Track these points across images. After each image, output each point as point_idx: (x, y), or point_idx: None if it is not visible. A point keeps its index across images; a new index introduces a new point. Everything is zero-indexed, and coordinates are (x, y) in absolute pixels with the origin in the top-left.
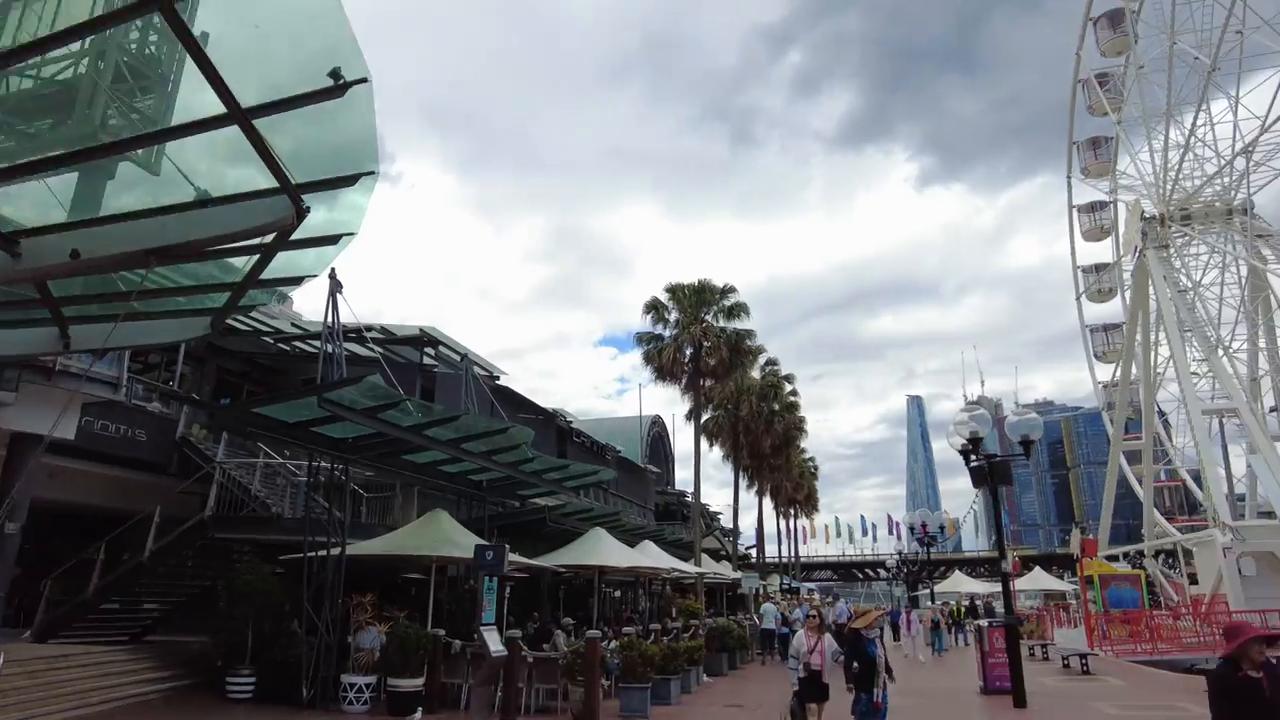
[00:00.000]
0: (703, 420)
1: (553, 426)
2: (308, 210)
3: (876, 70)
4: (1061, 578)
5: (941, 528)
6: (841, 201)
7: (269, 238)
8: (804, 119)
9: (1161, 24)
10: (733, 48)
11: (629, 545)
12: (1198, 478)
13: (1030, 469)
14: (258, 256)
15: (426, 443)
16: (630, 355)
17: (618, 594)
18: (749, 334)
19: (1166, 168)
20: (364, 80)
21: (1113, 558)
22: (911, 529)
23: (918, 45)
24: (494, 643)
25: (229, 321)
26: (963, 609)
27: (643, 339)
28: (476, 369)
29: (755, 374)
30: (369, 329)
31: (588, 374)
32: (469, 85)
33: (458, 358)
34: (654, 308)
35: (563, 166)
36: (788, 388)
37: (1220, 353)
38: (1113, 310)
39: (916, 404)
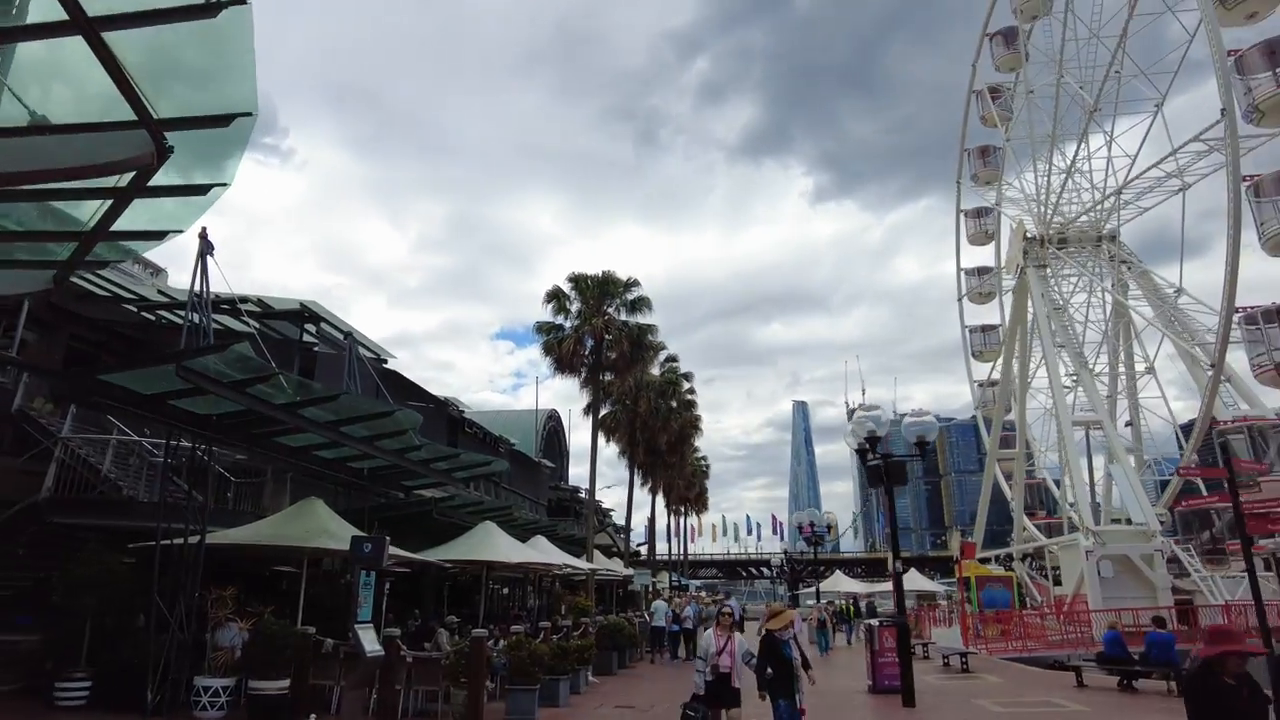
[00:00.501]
0: (601, 415)
1: (444, 416)
2: (170, 150)
3: (780, 85)
4: (932, 579)
5: (829, 527)
6: (741, 211)
7: (124, 180)
8: (709, 127)
9: (1051, 53)
10: (643, 49)
11: (520, 541)
12: (1057, 482)
13: (906, 474)
14: (110, 202)
15: (302, 423)
16: (528, 350)
17: (506, 591)
18: (651, 329)
19: (1049, 191)
20: (242, 1)
21: (985, 560)
22: (799, 528)
23: (820, 65)
24: (369, 642)
25: (85, 284)
26: (851, 608)
27: (543, 328)
28: (362, 350)
29: (655, 370)
30: (243, 300)
31: (484, 367)
32: (371, 63)
33: (341, 336)
34: (555, 297)
35: (467, 154)
36: (686, 385)
37: (1088, 369)
38: (991, 311)
39: (802, 409)
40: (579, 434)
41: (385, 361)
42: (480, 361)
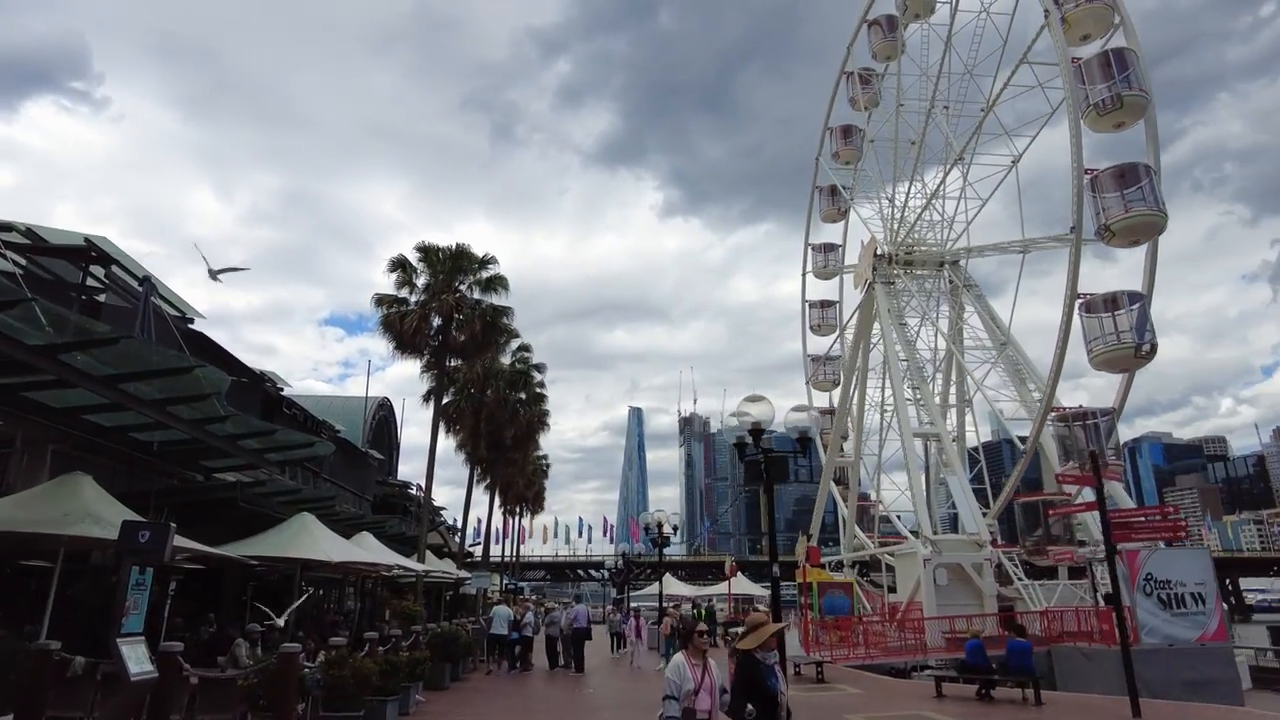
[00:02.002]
0: (444, 402)
1: (259, 392)
2: None
3: (639, 98)
4: (755, 582)
5: (675, 528)
6: (594, 216)
7: None
8: (566, 129)
9: (924, 68)
10: (504, 42)
11: (342, 536)
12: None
13: (728, 483)
14: None
15: (68, 375)
16: (360, 339)
17: (321, 593)
18: (506, 311)
19: (905, 211)
20: None
21: (818, 566)
22: (646, 529)
23: (679, 82)
24: (136, 660)
25: None
26: (703, 613)
27: (383, 301)
28: (164, 306)
29: (506, 360)
30: (7, 228)
31: (309, 354)
32: (210, 16)
33: (136, 284)
34: (400, 267)
35: (310, 127)
36: (537, 378)
37: (927, 384)
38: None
39: (637, 415)
40: (413, 430)
41: (191, 321)
42: (306, 347)
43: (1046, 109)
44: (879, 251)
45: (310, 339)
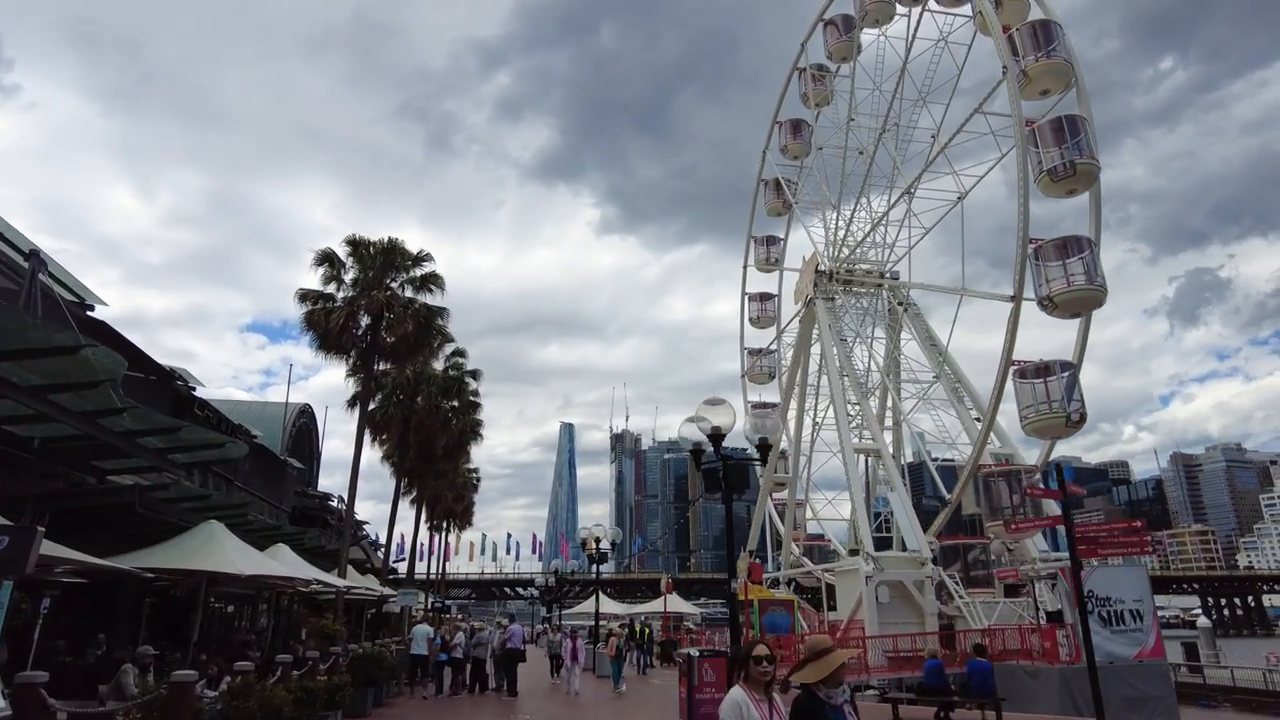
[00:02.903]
0: (370, 409)
1: (167, 390)
2: None
3: (578, 115)
4: (686, 599)
5: (614, 544)
6: (529, 230)
7: None
8: (504, 142)
9: (877, 84)
10: (444, 52)
11: (256, 547)
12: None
13: (658, 500)
14: None
15: None
16: (283, 346)
17: (231, 609)
18: (442, 312)
19: (848, 231)
20: None
21: (758, 583)
22: (583, 544)
23: (617, 101)
24: None
25: None
26: (645, 631)
27: (308, 297)
28: (57, 288)
29: (439, 365)
30: None
31: (230, 361)
32: (136, 8)
33: (21, 259)
34: (328, 260)
35: (238, 126)
36: (472, 385)
37: (868, 400)
38: (768, 334)
39: (568, 431)
40: (334, 442)
41: (91, 309)
42: (226, 354)
43: (997, 150)
44: (821, 267)
45: (231, 346)
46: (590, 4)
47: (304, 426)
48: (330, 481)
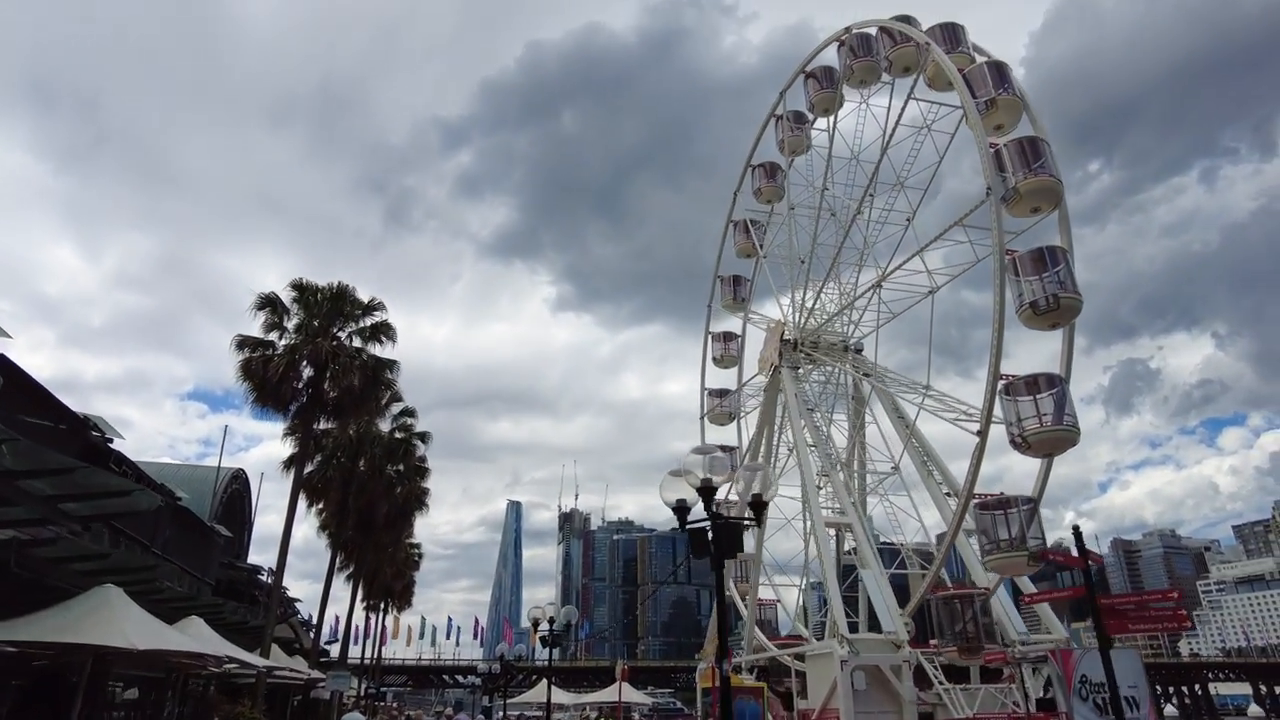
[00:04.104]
0: (308, 470)
1: (78, 439)
2: None
3: (537, 194)
4: (635, 689)
5: (569, 624)
6: (485, 305)
7: None
8: (464, 218)
9: (814, 177)
10: (407, 128)
11: (166, 621)
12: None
13: (606, 584)
14: None
15: None
16: (224, 415)
17: (134, 694)
18: (391, 365)
19: (815, 304)
20: None
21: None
22: (535, 624)
23: (577, 182)
24: None
25: None
26: None
27: (246, 343)
28: None
29: (385, 425)
30: None
31: (166, 429)
32: (93, 64)
33: None
34: (270, 305)
35: (194, 190)
36: (420, 448)
37: (837, 470)
38: (729, 433)
39: (516, 509)
40: (270, 517)
41: None
42: (163, 422)
43: (974, 254)
44: (786, 336)
45: (169, 414)
46: (553, 91)
47: (236, 493)
48: (263, 557)
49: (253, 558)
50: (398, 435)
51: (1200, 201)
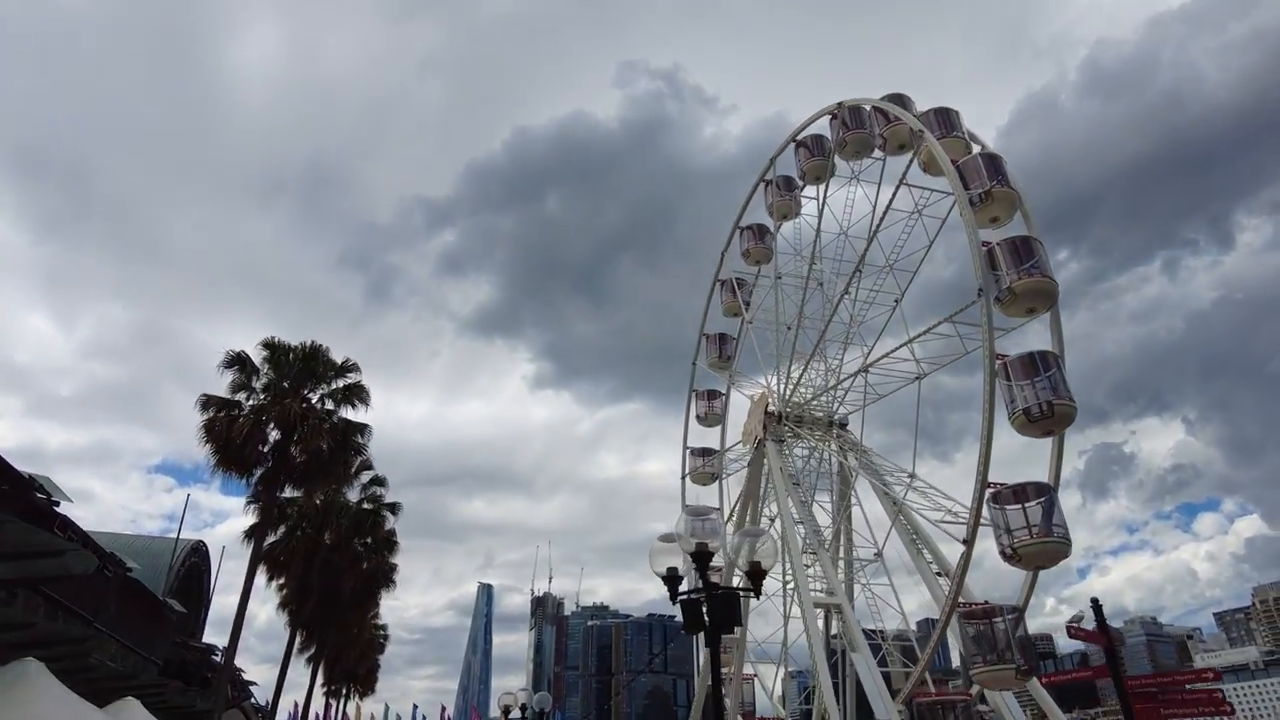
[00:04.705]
0: (270, 541)
1: (21, 500)
2: None
3: (519, 273)
4: None
5: (543, 713)
6: (463, 382)
7: None
8: (445, 295)
9: (801, 247)
10: (393, 207)
11: (95, 703)
12: None
13: (579, 672)
14: None
15: None
16: (191, 489)
17: None
18: (363, 429)
19: (802, 376)
20: None
21: None
22: (506, 711)
23: (559, 262)
24: None
25: None
26: None
27: (211, 403)
28: None
29: (353, 495)
30: None
31: (130, 503)
32: (84, 134)
33: None
34: (239, 363)
35: (174, 262)
36: (390, 521)
37: (826, 548)
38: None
39: (487, 592)
40: (231, 596)
41: None
42: (127, 495)
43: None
44: (770, 408)
45: (135, 487)
46: (538, 174)
47: (195, 567)
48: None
49: (210, 637)
50: (366, 506)
51: (1164, 290)
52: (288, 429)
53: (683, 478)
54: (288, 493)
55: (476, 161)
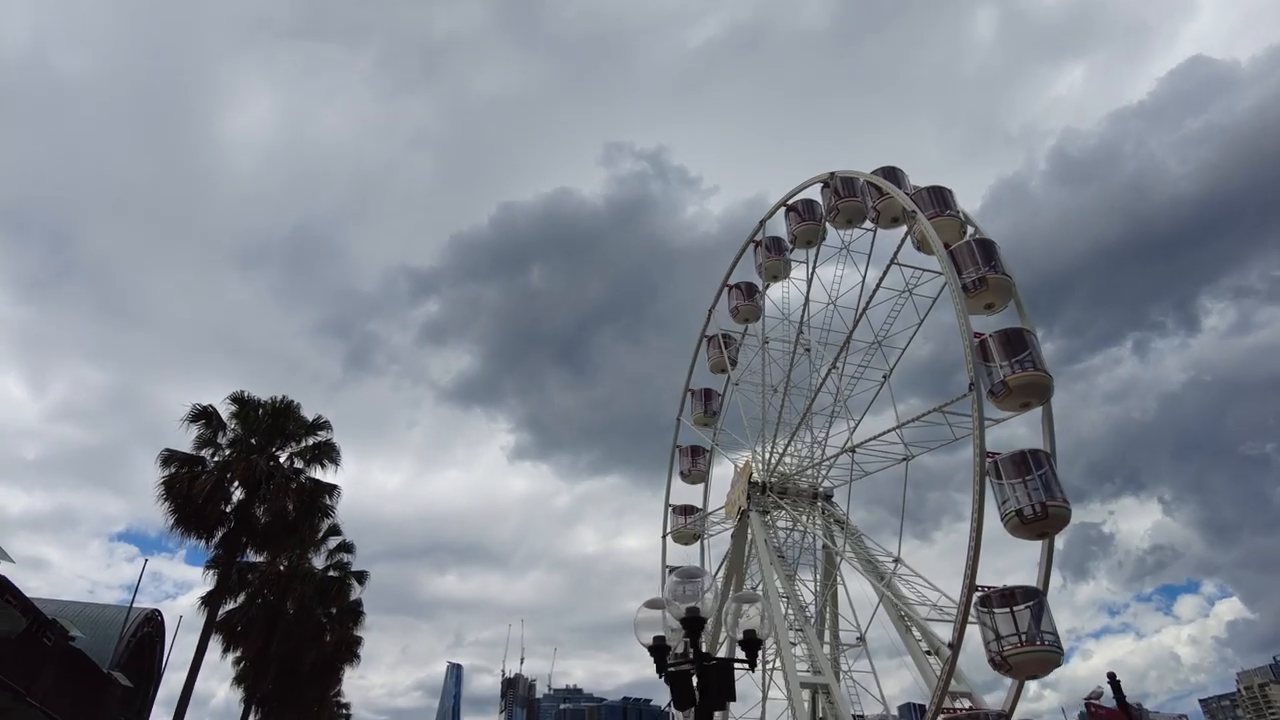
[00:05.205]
0: (228, 608)
1: None
2: None
3: (501, 343)
4: None
5: None
6: (441, 452)
7: None
8: (425, 364)
9: (789, 311)
10: (377, 276)
11: None
12: None
13: None
14: None
15: None
16: (154, 559)
17: None
18: (332, 490)
19: (788, 447)
20: None
21: None
22: None
23: (541, 333)
24: None
25: None
26: None
27: (173, 460)
28: None
29: (319, 561)
30: None
31: (88, 573)
32: (70, 199)
33: None
34: (205, 417)
35: (153, 326)
36: (357, 590)
37: (812, 625)
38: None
39: (456, 673)
40: (183, 671)
41: None
42: (86, 565)
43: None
44: (754, 478)
45: (95, 555)
46: (523, 247)
47: (148, 637)
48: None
49: (159, 716)
50: (332, 573)
51: (1136, 371)
52: (252, 487)
53: (664, 535)
54: (250, 557)
55: (462, 234)
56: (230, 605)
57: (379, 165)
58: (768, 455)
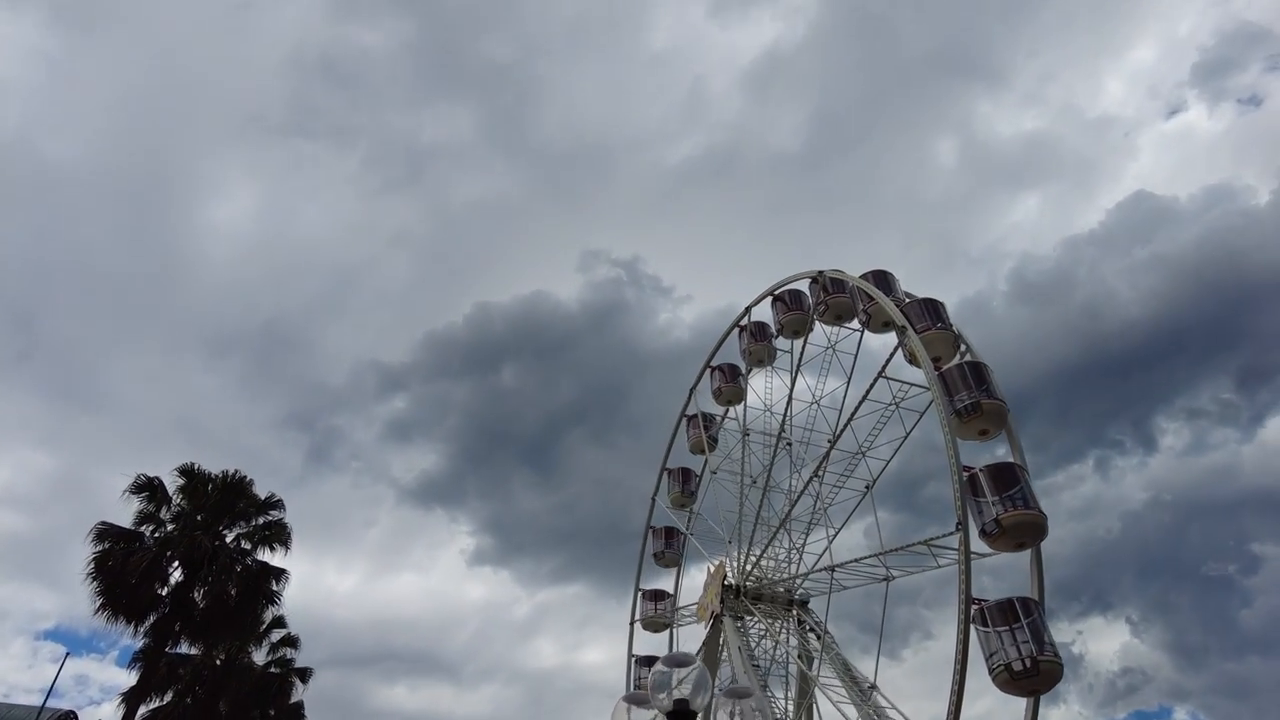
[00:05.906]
0: (155, 707)
1: None
2: None
3: (467, 443)
4: None
5: None
6: (397, 554)
7: None
8: (388, 461)
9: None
10: (346, 370)
11: None
12: None
13: None
14: None
15: None
16: (84, 661)
17: None
18: (281, 575)
19: (764, 552)
20: None
21: None
22: None
23: (508, 434)
24: None
25: None
26: None
27: (107, 535)
28: None
29: (260, 655)
30: None
31: (9, 674)
32: (38, 282)
33: None
34: (149, 490)
35: (110, 412)
36: (300, 690)
37: None
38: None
39: None
40: None
41: None
42: (5, 664)
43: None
44: (728, 581)
45: (17, 654)
46: (496, 347)
47: None
48: None
49: None
50: (273, 669)
51: (1099, 489)
52: (194, 568)
53: (631, 622)
54: (184, 648)
55: (436, 331)
56: (155, 703)
57: (357, 261)
58: (743, 559)
